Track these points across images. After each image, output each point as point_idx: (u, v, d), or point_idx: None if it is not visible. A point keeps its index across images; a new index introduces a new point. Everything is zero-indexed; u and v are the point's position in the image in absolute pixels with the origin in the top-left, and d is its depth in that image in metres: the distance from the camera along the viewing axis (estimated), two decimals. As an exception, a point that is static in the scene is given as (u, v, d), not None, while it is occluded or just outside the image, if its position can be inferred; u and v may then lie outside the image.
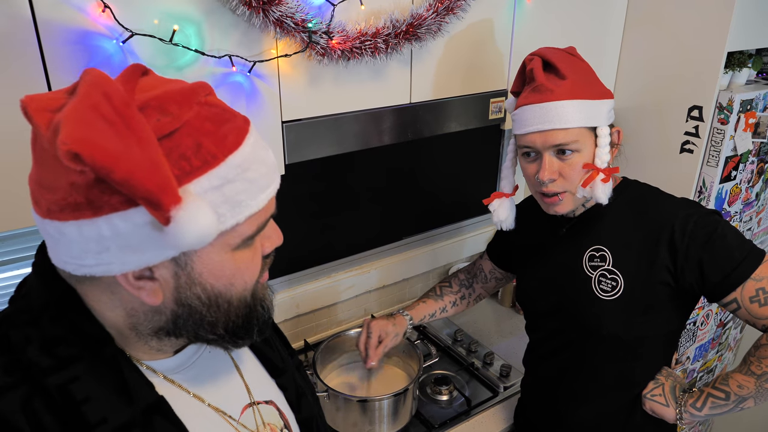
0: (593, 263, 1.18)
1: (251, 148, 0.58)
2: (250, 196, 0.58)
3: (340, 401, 1.40)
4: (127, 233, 0.52)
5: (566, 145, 1.09)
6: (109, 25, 0.94)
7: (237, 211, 0.57)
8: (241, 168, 0.56)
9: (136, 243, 0.53)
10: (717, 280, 1.06)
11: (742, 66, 1.72)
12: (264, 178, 0.59)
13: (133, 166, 0.47)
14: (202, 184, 0.54)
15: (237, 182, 0.56)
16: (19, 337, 0.58)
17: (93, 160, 0.46)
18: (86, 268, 0.55)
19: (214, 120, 0.57)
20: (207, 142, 0.55)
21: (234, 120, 0.59)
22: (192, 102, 0.56)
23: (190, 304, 0.60)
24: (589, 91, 1.11)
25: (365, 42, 1.21)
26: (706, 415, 1.14)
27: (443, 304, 1.54)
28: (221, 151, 0.55)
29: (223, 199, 0.55)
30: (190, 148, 0.53)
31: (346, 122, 1.30)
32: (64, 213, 0.52)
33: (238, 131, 0.58)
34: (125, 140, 0.48)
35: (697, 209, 1.11)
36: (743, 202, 1.95)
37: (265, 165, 0.60)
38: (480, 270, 1.56)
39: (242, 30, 1.08)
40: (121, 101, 0.49)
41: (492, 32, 1.48)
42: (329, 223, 1.81)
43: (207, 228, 0.52)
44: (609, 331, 1.16)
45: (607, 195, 1.11)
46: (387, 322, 1.43)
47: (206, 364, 0.73)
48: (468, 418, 1.54)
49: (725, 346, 2.33)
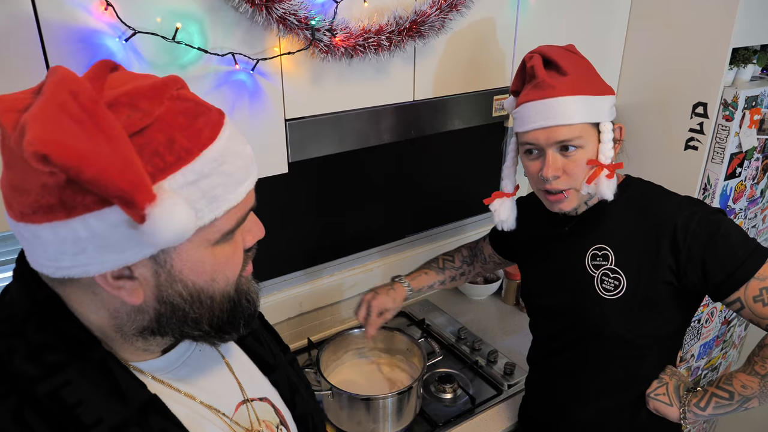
0: (596, 262, 1.18)
1: (226, 141, 0.58)
2: (228, 190, 0.57)
3: (344, 399, 1.40)
4: (103, 233, 0.51)
5: (570, 141, 1.09)
6: (111, 23, 0.93)
7: (215, 205, 0.56)
8: (216, 162, 0.56)
9: (113, 242, 0.52)
10: (720, 279, 1.05)
11: (747, 62, 1.71)
12: (241, 171, 0.59)
13: (103, 165, 0.46)
14: (177, 180, 0.53)
15: (213, 176, 0.55)
16: (4, 348, 0.57)
17: (61, 160, 0.45)
18: (64, 270, 0.54)
19: (187, 114, 0.56)
20: (180, 137, 0.54)
21: (208, 114, 0.58)
22: (163, 97, 0.55)
23: (172, 301, 0.59)
24: (591, 87, 1.10)
25: (368, 39, 1.20)
26: (709, 414, 1.13)
27: (443, 277, 1.54)
28: (195, 146, 0.54)
29: (199, 195, 0.55)
30: (162, 144, 0.53)
31: (350, 120, 1.30)
32: (38, 215, 0.51)
33: (213, 125, 0.57)
34: (94, 139, 0.47)
35: (700, 207, 1.10)
36: (748, 199, 1.94)
37: (242, 158, 0.59)
38: (481, 252, 1.57)
39: (245, 28, 1.08)
40: (88, 99, 0.48)
41: (495, 29, 1.48)
42: (332, 222, 1.81)
43: (184, 224, 0.52)
44: (612, 331, 1.15)
45: (612, 191, 1.11)
46: (387, 297, 1.43)
47: (196, 363, 0.72)
48: (472, 417, 1.54)
49: (730, 343, 2.32)
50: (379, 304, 1.41)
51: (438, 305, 2.06)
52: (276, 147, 1.20)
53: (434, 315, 1.99)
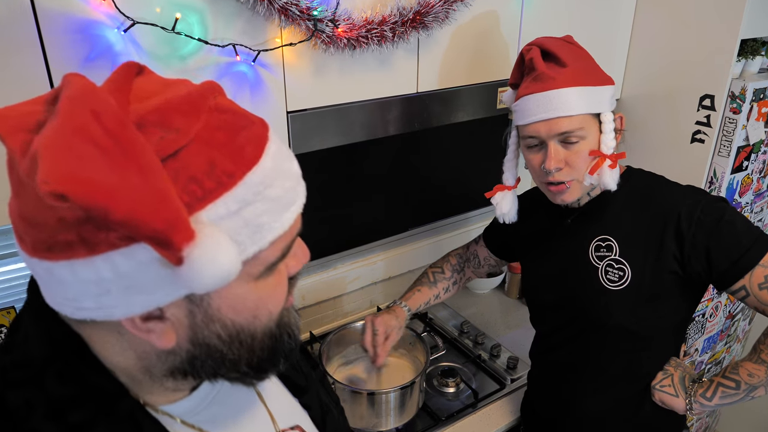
0: (600, 253, 1.17)
1: (272, 159, 0.49)
2: (273, 217, 0.49)
3: (347, 394, 1.39)
4: (131, 273, 0.43)
5: (571, 132, 1.08)
6: (110, 14, 0.92)
7: (258, 236, 0.48)
8: (262, 185, 0.47)
9: (142, 283, 0.44)
10: (725, 267, 1.05)
11: (755, 54, 1.69)
12: (288, 193, 0.51)
13: (134, 203, 0.39)
14: (217, 211, 0.45)
15: (257, 203, 0.47)
16: (20, 401, 0.49)
17: (84, 200, 0.38)
18: (85, 312, 0.47)
19: (226, 128, 0.47)
20: (221, 158, 0.46)
21: (250, 127, 0.49)
22: (200, 110, 0.47)
23: (209, 343, 0.51)
24: (591, 78, 1.10)
25: (371, 30, 1.18)
26: (716, 404, 1.13)
27: (437, 291, 1.52)
28: (239, 168, 0.46)
29: (242, 224, 0.46)
30: (201, 168, 0.44)
31: (352, 112, 1.28)
32: (54, 252, 0.43)
33: (257, 140, 0.49)
34: (122, 170, 0.40)
35: (703, 196, 1.10)
36: (754, 193, 1.93)
37: (289, 178, 0.51)
38: (474, 256, 1.55)
39: (246, 18, 1.06)
40: (114, 120, 0.41)
41: (500, 20, 1.46)
42: (335, 215, 1.79)
43: (228, 266, 0.44)
44: (617, 322, 1.15)
45: (615, 181, 1.10)
46: (390, 316, 1.41)
47: (225, 399, 0.65)
48: (475, 411, 1.54)
49: (734, 337, 2.31)
50: (383, 322, 1.39)
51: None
52: (278, 140, 1.18)
53: (437, 309, 1.99)
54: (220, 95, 0.51)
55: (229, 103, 0.51)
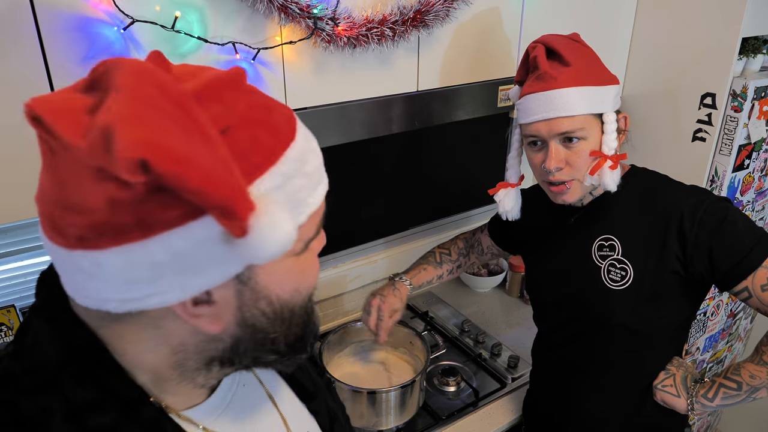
0: (602, 253, 1.17)
1: (303, 138, 0.51)
2: (309, 192, 0.51)
3: (347, 393, 1.39)
4: (187, 253, 0.43)
5: (572, 132, 1.08)
6: (109, 12, 0.92)
7: (299, 210, 0.50)
8: (299, 161, 0.49)
9: (197, 263, 0.44)
10: (727, 268, 1.04)
11: (756, 52, 1.69)
12: (318, 170, 0.53)
13: (206, 171, 0.39)
14: (265, 185, 0.46)
15: (296, 178, 0.49)
16: (35, 408, 0.48)
17: (165, 167, 0.38)
18: (133, 303, 0.46)
19: (263, 108, 0.49)
20: (263, 134, 0.47)
21: (279, 107, 0.51)
22: (243, 89, 0.49)
23: (254, 323, 0.52)
24: (594, 78, 1.09)
25: (372, 29, 1.18)
26: (717, 405, 1.12)
27: (441, 271, 1.53)
28: (279, 144, 0.48)
29: (286, 198, 0.48)
30: (247, 143, 0.46)
31: (353, 111, 1.28)
32: (103, 239, 0.42)
33: (289, 119, 0.51)
34: (192, 139, 0.40)
35: (706, 196, 1.10)
36: (756, 192, 1.92)
37: (317, 156, 0.53)
38: (478, 243, 1.55)
39: (246, 16, 1.06)
40: (177, 92, 0.41)
41: (501, 18, 1.45)
42: (336, 213, 1.78)
43: (288, 233, 0.45)
44: (619, 321, 1.15)
45: (615, 182, 1.10)
46: (393, 298, 1.41)
47: (242, 403, 0.66)
48: (476, 410, 1.53)
49: (735, 336, 2.31)
50: (389, 307, 1.39)
51: (442, 297, 2.05)
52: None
53: (438, 307, 1.98)
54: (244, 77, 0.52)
55: (256, 88, 0.52)
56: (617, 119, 1.12)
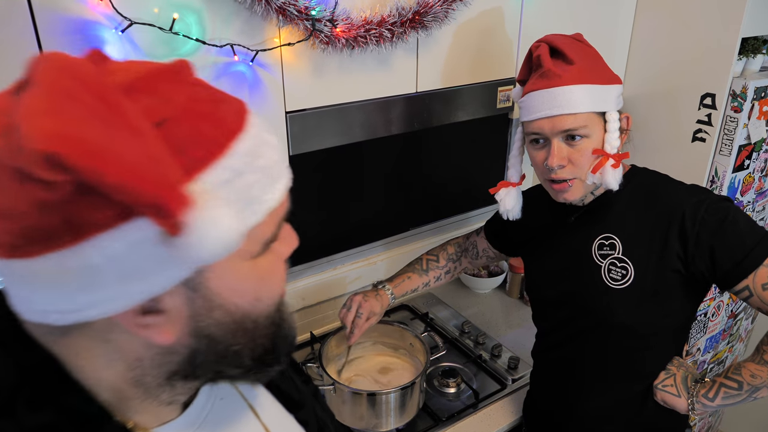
0: (603, 251, 1.16)
1: (257, 130, 0.48)
2: (265, 189, 0.47)
3: (347, 395, 1.39)
4: (124, 257, 0.40)
5: (575, 130, 1.08)
6: (107, 14, 0.92)
7: (253, 208, 0.46)
8: (251, 155, 0.46)
9: (137, 268, 0.41)
10: (728, 267, 1.04)
11: (756, 52, 1.69)
12: (276, 165, 0.49)
13: (128, 164, 0.36)
14: (209, 179, 0.43)
15: (248, 173, 0.45)
16: None
17: (77, 160, 0.35)
18: (74, 314, 0.42)
19: (208, 101, 0.46)
20: (206, 127, 0.44)
21: (229, 100, 0.48)
22: (184, 81, 0.46)
23: (210, 333, 0.48)
24: (598, 76, 1.09)
25: (370, 30, 1.18)
26: (718, 405, 1.12)
27: (427, 279, 1.51)
28: (225, 136, 0.45)
29: (235, 195, 0.44)
30: (188, 136, 0.43)
31: (352, 112, 1.28)
32: (35, 246, 0.39)
33: (238, 111, 0.48)
34: (114, 131, 0.37)
35: (707, 195, 1.10)
36: (756, 192, 1.92)
37: (276, 150, 0.50)
38: (473, 246, 1.54)
39: (244, 18, 1.06)
40: (99, 84, 0.38)
41: (500, 19, 1.45)
42: (335, 215, 1.79)
43: (230, 231, 0.41)
44: (619, 320, 1.15)
45: (617, 181, 1.10)
46: (375, 302, 1.40)
47: (219, 417, 0.61)
48: (476, 411, 1.53)
49: (736, 337, 2.30)
50: (369, 307, 1.38)
51: (441, 299, 2.05)
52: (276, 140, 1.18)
53: (438, 309, 1.98)
54: (195, 73, 0.49)
55: (203, 80, 0.50)
56: (620, 118, 1.12)
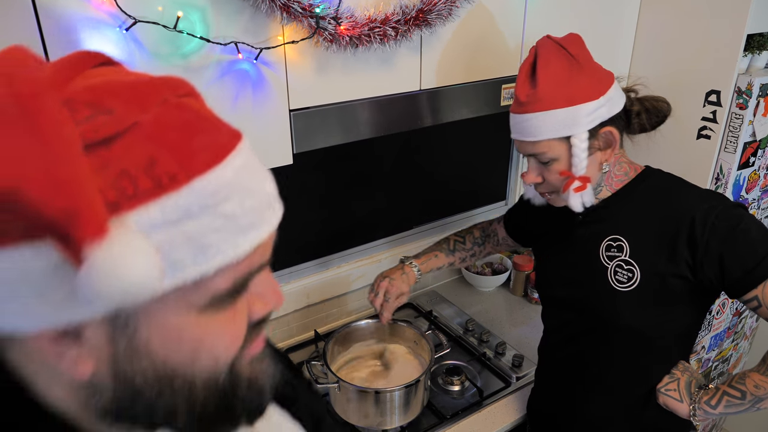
0: (610, 253, 1.16)
1: (234, 172, 0.42)
2: (224, 238, 0.41)
3: (351, 392, 1.39)
4: (37, 275, 0.36)
5: (537, 155, 1.12)
6: (111, 13, 0.92)
7: (203, 258, 0.40)
8: (214, 197, 0.40)
9: (50, 290, 0.37)
10: (738, 275, 1.03)
11: (762, 49, 1.68)
12: (249, 215, 0.42)
13: (24, 173, 0.33)
14: (150, 216, 0.37)
15: (205, 217, 0.40)
16: None
17: None
18: None
19: (181, 129, 0.40)
20: (165, 157, 0.38)
21: (214, 134, 0.42)
22: (150, 100, 0.40)
23: (133, 381, 0.42)
24: (565, 98, 1.07)
25: (374, 28, 1.18)
26: (720, 413, 1.11)
27: (453, 259, 1.56)
28: (184, 171, 0.39)
29: (182, 239, 0.39)
30: (137, 163, 0.38)
31: (356, 110, 1.28)
32: None
33: (217, 148, 0.41)
34: (19, 137, 0.34)
35: (720, 201, 1.08)
36: (761, 189, 1.91)
37: (255, 197, 0.43)
38: (494, 233, 1.58)
39: (248, 16, 1.06)
40: (28, 85, 0.35)
41: (504, 16, 1.45)
42: (339, 213, 1.79)
43: (136, 278, 0.36)
44: (623, 323, 1.14)
45: (581, 203, 1.13)
46: (401, 282, 1.45)
47: None
48: (480, 409, 1.53)
49: (741, 335, 2.30)
50: (396, 290, 1.43)
51: (445, 297, 2.05)
52: (280, 138, 1.18)
53: (442, 307, 1.98)
54: (188, 95, 0.44)
55: (200, 106, 0.44)
56: (598, 135, 1.10)
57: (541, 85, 1.07)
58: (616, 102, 1.12)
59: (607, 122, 1.10)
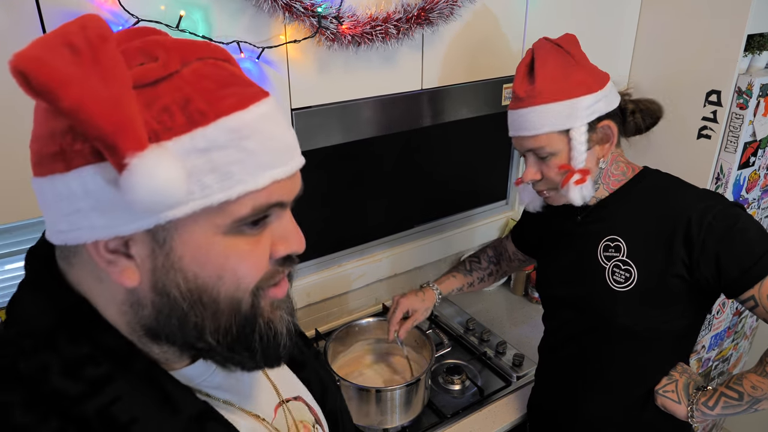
0: (608, 253, 1.16)
1: (257, 117, 0.49)
2: (246, 170, 0.48)
3: (352, 391, 1.39)
4: (97, 191, 0.45)
5: (536, 150, 1.12)
6: (114, 11, 0.92)
7: (227, 184, 0.48)
8: (236, 134, 0.48)
9: (104, 204, 0.45)
10: (734, 275, 1.03)
11: (762, 49, 1.68)
12: (269, 154, 0.50)
13: (85, 95, 0.40)
14: (183, 144, 0.46)
15: (230, 149, 0.47)
16: (34, 366, 0.49)
17: (38, 79, 0.39)
18: (61, 235, 0.48)
19: (215, 80, 0.49)
20: (198, 98, 0.47)
21: (244, 87, 0.50)
22: (191, 55, 0.49)
23: (169, 293, 0.50)
24: (563, 91, 1.08)
25: (376, 27, 1.18)
26: (717, 414, 1.11)
27: (471, 279, 1.57)
28: (212, 110, 0.47)
29: (209, 167, 0.47)
30: (175, 102, 0.46)
31: (357, 109, 1.28)
32: (42, 167, 0.47)
33: (245, 96, 0.49)
34: (86, 69, 0.41)
35: (718, 201, 1.08)
36: (761, 189, 1.92)
37: (275, 141, 0.51)
38: (504, 250, 1.59)
39: (250, 15, 1.06)
40: (97, 33, 0.43)
41: (505, 15, 1.45)
42: (340, 212, 1.79)
43: (165, 185, 0.44)
44: (622, 323, 1.14)
45: (582, 196, 1.13)
46: (416, 298, 1.45)
47: None
48: (481, 408, 1.53)
49: (741, 334, 2.30)
50: (407, 303, 1.43)
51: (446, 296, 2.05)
52: (282, 137, 1.18)
53: (442, 306, 1.98)
54: (227, 61, 0.52)
55: (235, 70, 0.52)
56: (597, 128, 1.11)
57: (539, 81, 1.08)
58: (613, 98, 1.14)
59: (605, 116, 1.11)
